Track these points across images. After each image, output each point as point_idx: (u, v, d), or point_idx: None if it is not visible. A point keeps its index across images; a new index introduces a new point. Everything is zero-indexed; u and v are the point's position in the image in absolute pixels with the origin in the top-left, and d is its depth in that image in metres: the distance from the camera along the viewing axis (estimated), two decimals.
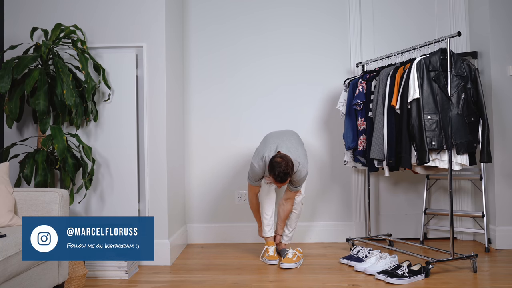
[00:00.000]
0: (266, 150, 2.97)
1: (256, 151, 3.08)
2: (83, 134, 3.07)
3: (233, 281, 2.71)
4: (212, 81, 3.78)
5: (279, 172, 2.77)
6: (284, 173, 2.78)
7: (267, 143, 3.03)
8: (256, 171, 2.97)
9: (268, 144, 3.01)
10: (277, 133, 3.18)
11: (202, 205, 3.76)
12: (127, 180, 3.08)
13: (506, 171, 3.39)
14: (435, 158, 2.79)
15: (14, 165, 2.93)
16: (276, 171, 2.78)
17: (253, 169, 2.99)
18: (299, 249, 3.10)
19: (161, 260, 3.04)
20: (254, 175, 3.01)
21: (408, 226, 3.72)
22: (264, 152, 2.96)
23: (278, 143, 2.99)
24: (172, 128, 3.31)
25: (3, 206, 2.26)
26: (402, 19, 3.77)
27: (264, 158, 2.93)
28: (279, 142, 3.00)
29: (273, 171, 2.80)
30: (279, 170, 2.77)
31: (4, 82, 2.64)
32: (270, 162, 2.83)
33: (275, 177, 2.80)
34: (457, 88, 2.83)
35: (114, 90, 3.09)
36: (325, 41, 3.77)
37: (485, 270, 2.85)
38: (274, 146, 2.97)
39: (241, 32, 3.78)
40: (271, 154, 2.92)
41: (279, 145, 2.97)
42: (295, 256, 3.01)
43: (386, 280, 2.62)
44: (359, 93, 3.25)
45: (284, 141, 3.01)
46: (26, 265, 2.03)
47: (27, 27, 3.02)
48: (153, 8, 3.13)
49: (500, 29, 3.41)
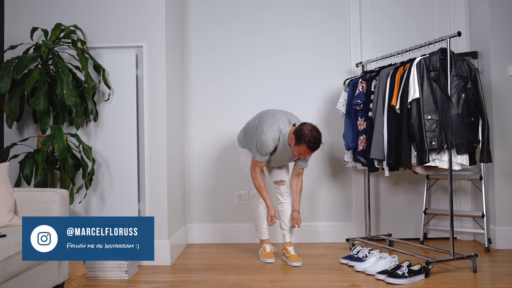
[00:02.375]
0: (278, 123, 2.91)
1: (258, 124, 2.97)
2: (83, 134, 3.07)
3: (233, 281, 2.71)
4: (212, 81, 3.78)
5: (314, 139, 2.75)
6: (318, 140, 2.78)
7: (276, 117, 2.95)
8: (269, 144, 2.88)
9: (278, 118, 2.94)
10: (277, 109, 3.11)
11: (202, 205, 3.76)
12: (127, 180, 3.08)
13: (506, 171, 3.39)
14: (435, 158, 2.79)
15: (14, 165, 2.93)
16: (312, 138, 2.75)
17: (264, 142, 2.88)
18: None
19: (161, 260, 3.04)
20: (264, 148, 2.89)
21: (408, 226, 3.72)
22: (278, 124, 2.90)
23: (287, 116, 2.97)
24: (172, 128, 3.31)
25: (3, 206, 2.26)
26: (402, 19, 3.78)
27: (280, 130, 2.89)
28: (288, 116, 2.98)
29: (306, 138, 2.75)
30: (314, 136, 2.75)
31: (4, 82, 2.64)
32: (300, 131, 2.78)
33: (310, 144, 2.76)
34: (457, 88, 2.83)
35: (114, 90, 3.09)
36: (325, 41, 3.77)
37: (485, 270, 2.85)
38: (285, 119, 2.94)
39: (241, 32, 3.78)
40: (286, 127, 2.90)
41: (290, 119, 2.95)
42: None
43: (386, 280, 2.62)
44: (359, 93, 3.25)
45: (292, 117, 2.99)
46: (26, 265, 2.03)
47: (27, 27, 3.02)
48: (153, 8, 3.13)
49: (500, 29, 3.41)
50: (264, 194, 3.08)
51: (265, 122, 2.94)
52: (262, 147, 2.89)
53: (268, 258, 3.12)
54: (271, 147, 2.90)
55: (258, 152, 2.93)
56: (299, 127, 2.82)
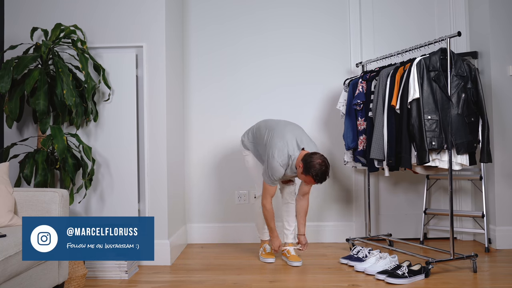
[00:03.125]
0: (288, 147, 2.85)
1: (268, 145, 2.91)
2: (83, 134, 3.07)
3: (233, 281, 2.71)
4: (212, 81, 3.78)
5: (322, 173, 2.74)
6: (325, 174, 2.76)
7: (284, 138, 2.88)
8: (279, 170, 2.84)
9: (286, 140, 2.87)
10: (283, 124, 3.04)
11: (202, 205, 3.76)
12: (127, 180, 3.08)
13: (506, 171, 3.39)
14: (435, 158, 2.79)
15: (14, 165, 2.93)
16: (319, 173, 2.73)
17: (275, 168, 2.84)
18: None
19: (161, 260, 3.04)
20: (276, 174, 2.86)
21: (408, 226, 3.72)
22: (287, 148, 2.85)
23: (296, 136, 2.91)
24: (172, 128, 3.31)
25: (3, 206, 2.26)
26: (402, 19, 3.78)
27: (290, 156, 2.85)
28: (297, 136, 2.92)
29: (314, 172, 2.73)
30: (322, 171, 2.73)
31: (4, 82, 2.64)
32: (309, 163, 2.74)
33: (317, 178, 2.74)
34: (457, 88, 2.83)
35: (114, 90, 3.09)
36: (325, 41, 3.77)
37: (485, 270, 2.85)
38: (293, 141, 2.88)
39: (241, 32, 3.78)
40: (295, 151, 2.86)
41: (298, 139, 2.90)
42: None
43: (386, 280, 2.62)
44: (359, 93, 3.25)
45: (300, 136, 2.94)
46: (26, 265, 2.02)
47: (27, 27, 3.02)
48: (153, 8, 3.13)
49: (500, 29, 3.41)
50: (272, 224, 3.06)
51: (274, 146, 2.86)
52: (274, 173, 2.86)
53: (268, 258, 3.13)
54: (281, 172, 2.88)
55: (269, 177, 2.90)
56: (309, 158, 2.76)
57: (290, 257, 3.06)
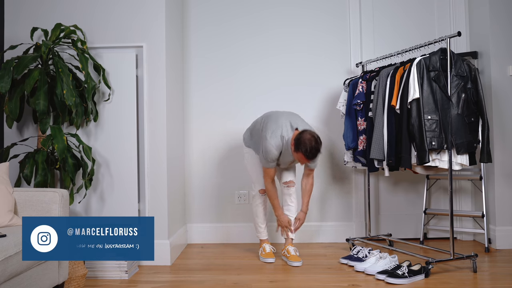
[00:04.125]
0: (281, 129, 2.90)
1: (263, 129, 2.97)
2: (83, 134, 3.07)
3: (233, 281, 2.71)
4: (212, 81, 3.78)
5: (311, 148, 2.75)
6: (316, 149, 2.77)
7: (278, 122, 2.93)
8: (272, 152, 2.88)
9: (281, 123, 2.92)
10: (281, 112, 3.09)
11: (202, 205, 3.76)
12: (127, 180, 3.08)
13: (506, 171, 3.39)
14: (435, 158, 2.79)
15: (14, 165, 2.93)
16: (308, 148, 2.75)
17: (268, 149, 2.88)
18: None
19: (161, 260, 3.04)
20: (269, 155, 2.90)
21: (408, 226, 3.72)
22: (280, 131, 2.89)
23: (290, 120, 2.94)
24: (172, 128, 3.31)
25: (3, 206, 2.26)
26: (402, 19, 3.78)
27: (283, 137, 2.88)
28: (291, 119, 2.95)
29: (303, 148, 2.75)
30: (311, 146, 2.75)
31: (4, 82, 2.64)
32: (299, 140, 2.78)
33: (307, 153, 2.76)
34: (457, 88, 2.83)
35: (114, 90, 3.09)
36: (325, 41, 3.77)
37: (485, 270, 2.85)
38: (287, 123, 2.92)
39: (241, 32, 3.78)
40: (289, 132, 2.89)
41: (293, 122, 2.93)
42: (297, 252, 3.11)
43: (386, 280, 2.62)
44: (359, 93, 3.25)
45: (295, 119, 2.97)
46: (26, 265, 2.02)
47: (27, 27, 3.02)
48: (153, 8, 3.13)
49: (500, 29, 3.41)
50: (275, 203, 3.08)
51: (268, 129, 2.93)
52: (267, 155, 2.90)
53: (268, 258, 3.13)
54: (275, 154, 2.91)
55: (264, 159, 2.95)
56: (299, 135, 2.81)
57: (290, 257, 3.06)
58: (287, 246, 3.14)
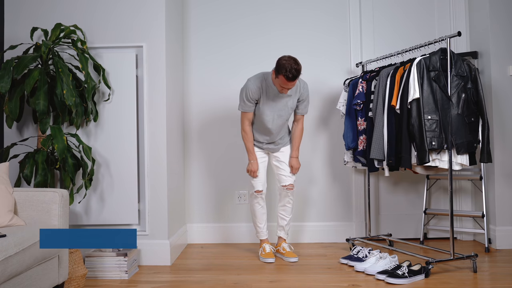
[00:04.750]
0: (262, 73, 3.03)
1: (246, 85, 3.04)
2: (83, 134, 3.07)
3: (233, 281, 2.71)
4: (212, 81, 3.78)
5: (291, 68, 2.77)
6: (296, 70, 2.79)
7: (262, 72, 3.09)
8: (251, 87, 2.97)
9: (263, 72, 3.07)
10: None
11: (202, 205, 3.76)
12: (127, 180, 3.08)
13: (506, 171, 3.39)
14: (435, 158, 2.79)
15: (14, 165, 2.93)
16: (288, 67, 2.77)
17: (248, 86, 2.98)
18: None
19: (161, 260, 3.05)
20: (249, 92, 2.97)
21: (408, 226, 3.72)
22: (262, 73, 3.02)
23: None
24: (172, 128, 3.31)
25: (3, 206, 2.26)
26: (402, 20, 3.77)
27: (263, 75, 2.99)
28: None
29: (283, 69, 2.78)
30: (290, 66, 2.77)
31: (4, 82, 2.64)
32: (278, 64, 2.82)
33: (287, 74, 2.78)
34: (457, 88, 2.83)
35: (114, 90, 3.09)
36: (325, 42, 3.77)
37: (485, 270, 2.85)
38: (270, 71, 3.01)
39: (241, 33, 3.78)
40: (269, 73, 2.99)
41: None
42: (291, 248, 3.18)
43: (386, 280, 2.62)
44: (359, 93, 3.25)
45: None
46: (26, 265, 2.02)
47: (27, 27, 3.02)
48: (153, 8, 3.13)
49: (500, 29, 3.41)
50: (250, 146, 3.14)
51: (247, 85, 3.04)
52: (247, 91, 2.98)
53: (268, 258, 3.13)
54: (254, 90, 2.97)
55: (243, 100, 3.02)
56: (278, 60, 2.86)
57: (286, 254, 3.08)
58: (281, 243, 3.18)
